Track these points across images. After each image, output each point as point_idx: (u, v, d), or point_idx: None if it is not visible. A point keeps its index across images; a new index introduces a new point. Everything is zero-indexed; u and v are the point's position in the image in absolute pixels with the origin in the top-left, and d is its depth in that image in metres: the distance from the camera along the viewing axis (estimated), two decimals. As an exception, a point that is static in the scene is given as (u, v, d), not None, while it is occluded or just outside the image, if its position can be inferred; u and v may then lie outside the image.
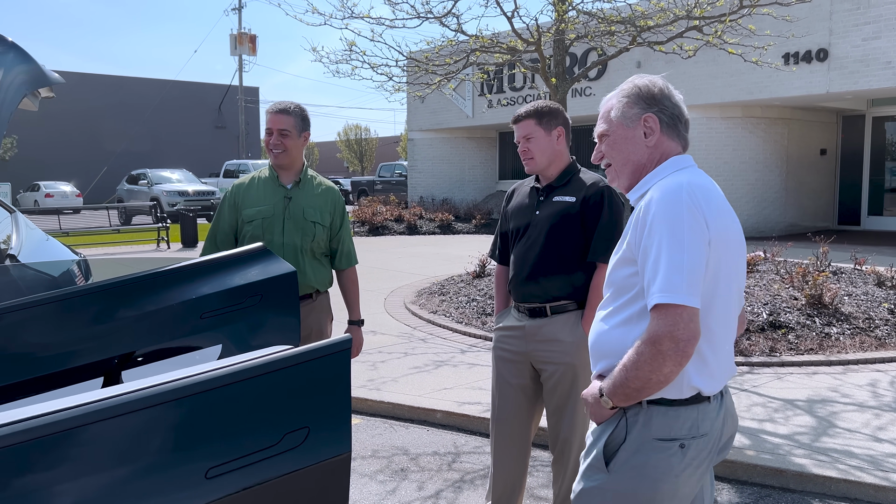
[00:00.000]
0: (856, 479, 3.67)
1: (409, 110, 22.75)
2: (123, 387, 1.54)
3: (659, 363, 1.69)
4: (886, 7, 12.68)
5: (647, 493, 1.80)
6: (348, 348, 1.76)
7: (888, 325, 6.40)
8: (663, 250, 1.71)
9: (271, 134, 3.21)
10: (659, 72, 9.43)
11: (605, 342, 1.89)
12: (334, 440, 1.68)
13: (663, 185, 1.81)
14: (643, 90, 1.93)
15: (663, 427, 1.80)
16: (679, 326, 1.67)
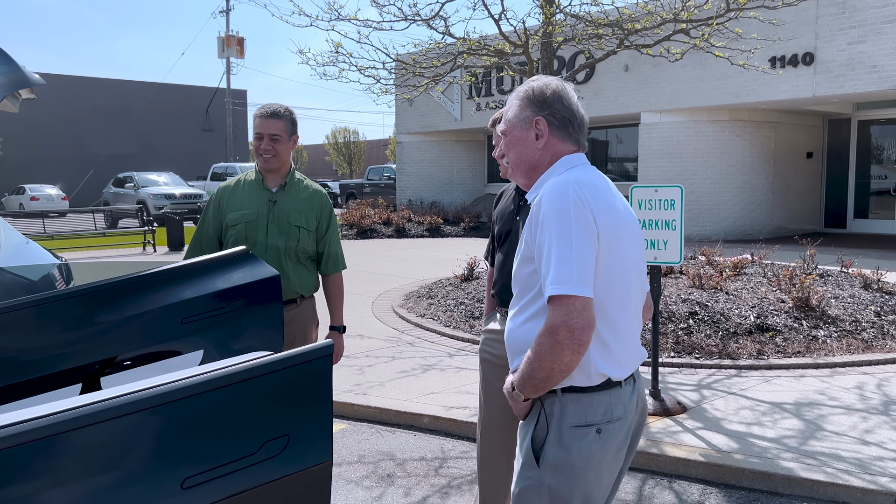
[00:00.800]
0: (844, 482, 3.66)
1: (398, 113, 22.72)
2: (95, 395, 1.49)
3: (558, 352, 1.76)
4: (871, 11, 12.77)
5: (577, 484, 1.85)
6: (330, 354, 1.73)
7: (874, 328, 6.42)
8: (553, 245, 1.79)
9: (261, 139, 3.17)
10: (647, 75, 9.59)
11: (516, 339, 1.95)
12: (315, 448, 1.64)
13: (552, 183, 1.89)
14: (535, 93, 2.00)
15: (578, 414, 1.86)
16: (573, 316, 1.74)
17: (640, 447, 4.17)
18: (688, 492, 3.82)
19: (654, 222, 4.73)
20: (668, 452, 4.09)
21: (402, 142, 23.03)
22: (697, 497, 3.75)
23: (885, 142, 16.78)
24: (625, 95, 16.72)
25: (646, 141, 16.68)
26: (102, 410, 1.42)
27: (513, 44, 7.08)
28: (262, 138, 3.16)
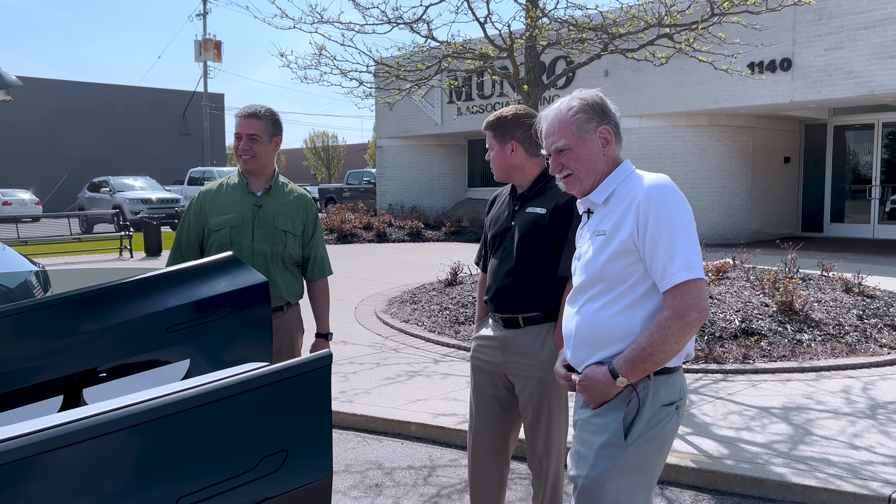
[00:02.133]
0: (836, 487, 3.65)
1: (378, 117, 22.63)
2: (83, 410, 1.41)
3: (685, 333, 1.94)
4: (848, 18, 12.93)
5: (658, 457, 2.04)
6: (328, 364, 1.66)
7: (858, 332, 6.46)
8: (676, 235, 1.96)
9: (240, 139, 3.08)
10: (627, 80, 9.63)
11: (609, 330, 2.06)
12: (314, 463, 1.57)
13: (652, 183, 2.06)
14: (595, 105, 2.14)
15: (666, 393, 2.04)
16: (702, 297, 1.95)
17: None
18: (680, 498, 3.79)
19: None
20: (659, 459, 4.05)
21: (382, 146, 22.94)
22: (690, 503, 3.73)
23: (860, 147, 17.00)
24: (605, 100, 16.77)
25: (626, 146, 16.60)
26: (92, 427, 1.34)
27: (498, 47, 7.05)
28: (240, 138, 3.08)
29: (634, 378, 2.00)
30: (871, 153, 16.46)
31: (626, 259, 2.03)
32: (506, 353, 2.93)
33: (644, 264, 2.01)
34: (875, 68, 12.74)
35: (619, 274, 2.04)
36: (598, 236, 2.10)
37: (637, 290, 2.03)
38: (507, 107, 3.01)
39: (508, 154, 2.91)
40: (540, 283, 2.87)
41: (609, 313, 2.06)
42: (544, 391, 2.89)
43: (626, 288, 2.04)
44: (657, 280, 1.99)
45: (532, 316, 2.88)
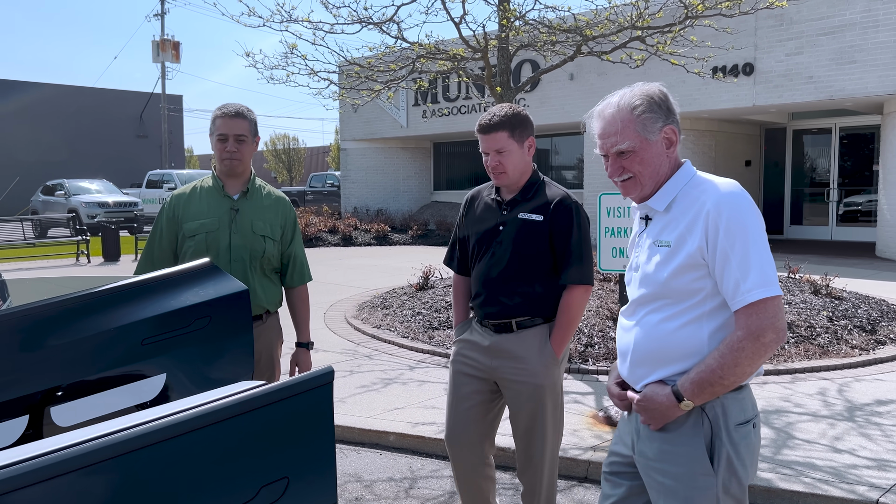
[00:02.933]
0: (823, 492, 3.62)
1: (342, 120, 22.40)
2: (66, 438, 1.27)
3: (760, 356, 1.80)
4: (807, 24, 13.16)
5: (747, 479, 1.89)
6: (330, 382, 1.53)
7: (829, 333, 6.51)
8: (751, 248, 1.81)
9: (226, 140, 2.92)
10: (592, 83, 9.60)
11: (673, 345, 1.90)
12: (318, 490, 1.44)
13: (715, 191, 1.87)
14: (662, 102, 1.94)
15: (738, 412, 1.88)
16: (779, 316, 1.80)
17: (614, 461, 4.06)
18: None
19: (623, 230, 4.66)
20: (645, 466, 3.99)
21: (346, 148, 22.70)
22: (678, 512, 3.66)
23: (818, 150, 17.34)
24: (570, 104, 16.84)
25: (590, 149, 16.75)
26: (76, 457, 1.19)
27: (472, 48, 6.96)
28: (226, 139, 2.91)
29: (701, 402, 1.85)
30: (828, 157, 16.80)
31: (693, 273, 1.86)
32: (497, 358, 2.84)
33: (713, 279, 1.85)
34: (834, 73, 12.98)
35: (686, 289, 1.87)
36: (660, 247, 1.92)
37: (705, 306, 1.87)
38: (498, 106, 2.89)
39: (526, 153, 2.83)
40: (534, 289, 2.81)
41: (672, 326, 1.89)
42: (540, 398, 2.81)
43: (694, 303, 1.87)
44: (728, 297, 1.82)
45: (526, 320, 2.82)
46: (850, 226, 16.33)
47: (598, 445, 4.28)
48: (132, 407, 2.30)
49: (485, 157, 2.83)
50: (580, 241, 2.80)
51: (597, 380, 5.64)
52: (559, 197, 2.83)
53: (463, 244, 3.03)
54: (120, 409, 2.29)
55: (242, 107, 2.96)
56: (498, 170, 2.79)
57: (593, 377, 5.69)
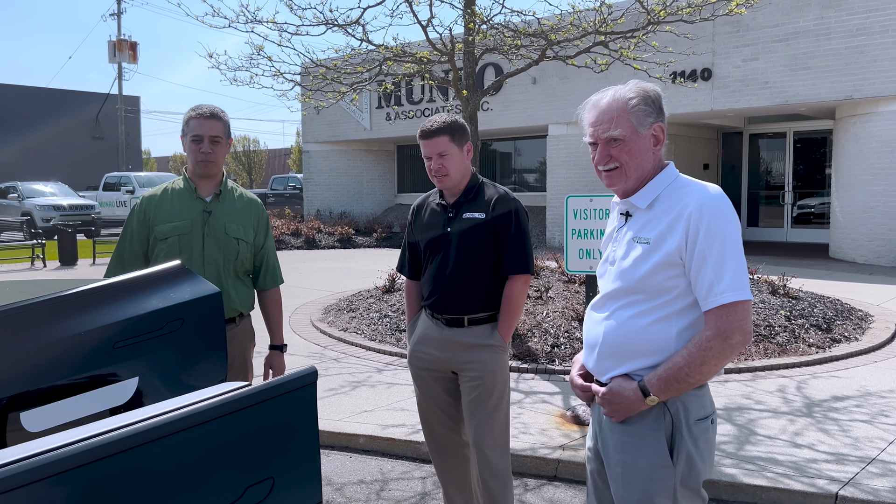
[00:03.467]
0: (785, 486, 3.72)
1: (305, 122, 22.26)
2: (52, 440, 1.25)
3: (727, 356, 1.86)
4: (763, 31, 13.49)
5: (703, 473, 1.95)
6: (314, 382, 1.54)
7: (787, 332, 6.68)
8: (727, 253, 1.86)
9: (201, 141, 2.90)
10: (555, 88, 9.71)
11: (642, 340, 1.95)
12: (303, 490, 1.45)
13: (699, 194, 1.93)
14: (656, 100, 2.00)
15: (698, 408, 1.95)
16: (747, 320, 1.86)
17: (582, 459, 4.12)
18: None
19: (590, 231, 4.73)
20: (613, 464, 4.06)
21: (309, 151, 22.56)
22: (645, 508, 3.72)
23: (773, 154, 17.77)
24: (533, 108, 16.99)
25: (553, 152, 16.99)
26: (60, 460, 1.18)
27: (439, 51, 6.99)
28: (201, 141, 2.89)
29: (666, 397, 1.91)
30: (783, 160, 17.22)
31: (669, 271, 1.91)
32: (450, 349, 3.00)
33: (687, 279, 1.90)
34: (788, 79, 13.32)
35: (660, 286, 1.92)
36: (640, 243, 1.96)
37: (676, 304, 1.92)
38: (438, 115, 3.06)
39: (465, 156, 3.00)
40: (484, 284, 2.97)
41: (643, 322, 1.94)
42: (493, 382, 2.97)
43: (666, 300, 1.92)
44: (701, 298, 1.88)
45: (477, 317, 2.99)
46: (804, 228, 16.76)
47: (566, 444, 4.34)
48: (105, 411, 2.27)
49: (427, 163, 2.96)
50: (519, 234, 2.96)
51: (563, 380, 5.70)
52: (498, 194, 3.00)
53: (413, 250, 3.17)
54: (92, 413, 2.26)
55: (216, 108, 2.95)
56: (441, 172, 2.93)
57: (560, 377, 5.76)
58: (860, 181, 13.02)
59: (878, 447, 4.21)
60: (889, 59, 12.23)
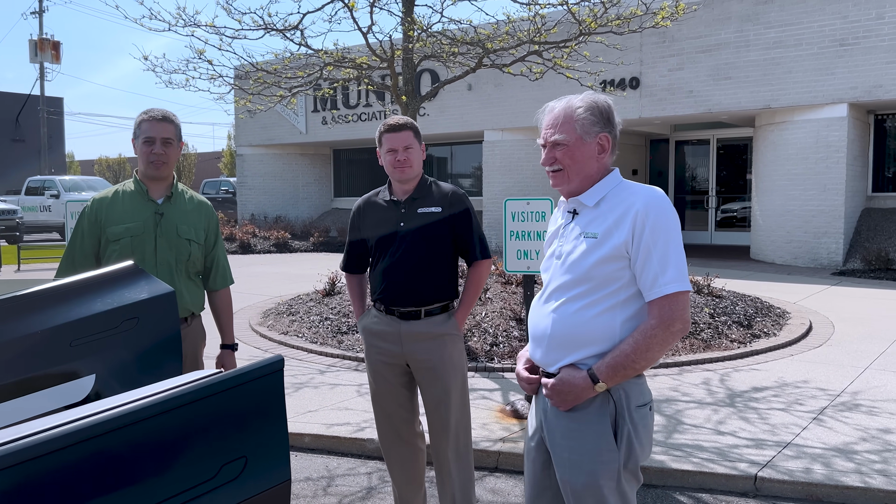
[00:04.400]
0: (709, 470, 3.99)
1: (238, 125, 21.97)
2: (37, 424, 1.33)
3: (668, 343, 2.01)
4: (687, 42, 14.08)
5: (642, 456, 2.10)
6: (281, 369, 1.65)
7: (711, 328, 7.05)
8: (670, 247, 2.02)
9: (153, 143, 2.95)
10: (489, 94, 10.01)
11: (588, 331, 2.08)
12: (273, 468, 1.56)
13: (644, 194, 2.09)
14: (604, 110, 2.14)
15: (638, 395, 2.10)
16: (687, 309, 2.03)
17: (522, 450, 4.30)
18: None
19: (527, 233, 4.93)
20: (551, 454, 4.25)
21: (242, 154, 22.27)
22: (582, 494, 3.93)
23: (698, 161, 18.51)
24: (469, 114, 17.25)
25: (489, 157, 17.29)
26: (52, 440, 1.27)
27: (379, 57, 7.11)
28: (153, 143, 2.95)
29: (613, 384, 2.03)
30: (707, 166, 17.96)
31: (615, 264, 2.04)
32: (407, 343, 3.11)
33: (631, 271, 2.04)
34: (711, 88, 13.94)
35: (606, 277, 2.05)
36: (587, 238, 2.09)
37: (621, 295, 2.06)
38: (399, 115, 3.21)
39: (422, 154, 3.18)
40: (439, 275, 3.12)
41: (590, 314, 2.06)
42: (451, 367, 3.12)
43: (611, 291, 2.06)
44: (645, 289, 2.02)
45: (432, 308, 3.12)
46: (727, 231, 17.51)
47: (507, 437, 4.52)
48: (61, 408, 2.31)
49: (392, 156, 3.09)
50: (478, 225, 3.19)
51: (502, 377, 5.89)
52: (452, 190, 3.19)
53: (358, 248, 3.27)
54: (47, 411, 2.30)
55: (168, 112, 3.01)
56: (405, 164, 3.09)
57: (499, 374, 5.95)
58: (778, 186, 13.72)
59: (793, 433, 4.54)
60: (803, 70, 12.95)
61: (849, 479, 3.83)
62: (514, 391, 5.48)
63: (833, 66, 12.66)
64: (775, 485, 3.86)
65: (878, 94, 12.33)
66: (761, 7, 13.28)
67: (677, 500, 3.83)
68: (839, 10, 12.56)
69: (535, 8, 7.04)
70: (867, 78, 12.40)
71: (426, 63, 12.30)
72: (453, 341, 3.13)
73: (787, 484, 3.84)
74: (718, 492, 3.91)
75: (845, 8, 12.51)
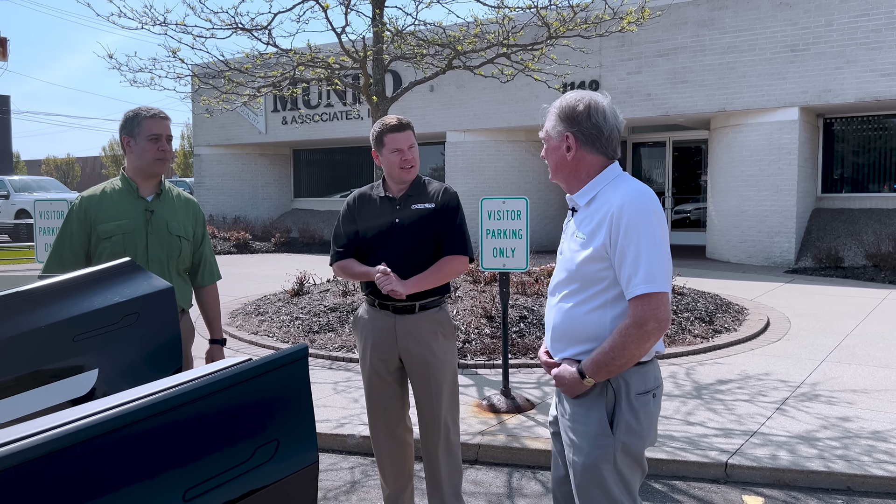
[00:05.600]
0: (682, 458, 4.15)
1: (196, 124, 21.68)
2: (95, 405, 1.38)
3: (644, 341, 2.08)
4: (645, 46, 14.40)
5: (643, 442, 2.20)
6: (306, 356, 1.72)
7: (675, 325, 7.26)
8: (642, 248, 2.08)
9: (158, 140, 2.97)
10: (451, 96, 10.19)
11: (580, 327, 2.21)
12: (302, 451, 1.63)
13: (627, 193, 2.14)
14: (566, 110, 2.23)
15: (640, 383, 2.19)
16: (661, 309, 2.08)
17: (501, 443, 4.41)
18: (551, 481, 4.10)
19: (503, 231, 5.03)
20: (529, 446, 4.37)
21: (200, 154, 21.98)
22: (561, 484, 4.05)
23: (654, 162, 18.91)
24: (431, 115, 17.33)
25: (452, 158, 17.41)
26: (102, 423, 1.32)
27: (352, 58, 7.15)
28: (159, 139, 2.98)
29: (601, 378, 2.14)
30: (663, 168, 18.37)
31: (599, 264, 2.14)
32: (401, 337, 3.18)
33: (615, 271, 2.14)
34: (669, 92, 14.30)
35: (593, 276, 2.16)
36: (577, 238, 2.22)
37: (608, 294, 2.16)
38: (390, 115, 3.29)
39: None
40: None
41: (581, 311, 2.19)
42: (442, 359, 3.20)
43: (599, 290, 2.16)
44: (624, 288, 2.11)
45: (427, 302, 3.19)
46: (683, 231, 17.93)
47: (485, 430, 4.62)
48: (64, 403, 2.33)
49: (398, 155, 3.14)
50: (463, 222, 3.26)
51: (476, 373, 6.00)
52: (444, 186, 3.29)
53: (351, 239, 3.29)
54: (51, 405, 2.32)
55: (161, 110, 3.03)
56: (411, 162, 3.17)
57: (472, 371, 6.05)
58: (733, 187, 14.13)
59: (758, 422, 4.74)
60: (756, 75, 13.37)
61: (813, 464, 4.02)
62: (488, 387, 5.58)
63: (785, 70, 13.10)
64: (744, 471, 4.03)
65: (828, 98, 12.80)
66: (717, 13, 13.67)
67: (653, 488, 3.98)
68: (790, 17, 13.01)
69: (504, 11, 7.16)
70: (817, 83, 12.87)
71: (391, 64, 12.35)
72: (446, 335, 3.22)
73: (756, 470, 4.02)
74: (691, 479, 4.07)
75: (796, 15, 12.96)
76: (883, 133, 14.10)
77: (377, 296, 3.19)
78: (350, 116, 18.70)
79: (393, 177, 3.19)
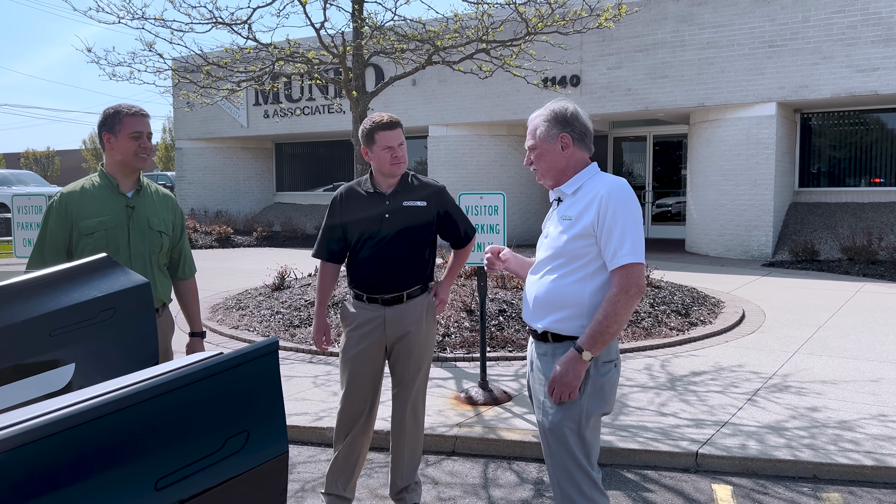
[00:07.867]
0: (654, 448, 4.24)
1: (177, 118, 21.56)
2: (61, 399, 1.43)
3: (630, 305, 2.41)
4: (626, 41, 14.50)
5: (604, 405, 2.51)
6: (276, 351, 1.77)
7: (651, 317, 7.37)
8: (628, 227, 2.43)
9: (140, 137, 3.00)
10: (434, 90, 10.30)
11: (563, 295, 2.51)
12: (272, 442, 1.68)
13: (611, 183, 2.50)
14: (560, 116, 2.57)
15: (604, 353, 2.49)
16: (641, 277, 2.43)
17: (477, 435, 4.49)
18: (526, 471, 4.19)
19: (481, 226, 5.09)
20: (505, 437, 4.44)
21: (181, 148, 21.86)
22: (536, 475, 4.13)
23: (635, 157, 19.06)
24: (413, 109, 17.35)
25: (434, 153, 17.44)
26: (76, 414, 1.37)
27: (332, 53, 7.17)
28: (140, 137, 3.01)
29: (597, 351, 2.42)
30: (644, 162, 18.52)
31: (584, 241, 2.48)
32: (391, 326, 3.32)
33: (598, 247, 2.47)
34: (649, 87, 14.41)
35: (577, 252, 2.49)
36: (564, 220, 2.55)
37: (589, 268, 2.49)
38: (377, 113, 3.32)
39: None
40: (421, 262, 3.34)
41: (565, 282, 2.51)
42: (425, 344, 3.40)
43: (582, 264, 2.49)
44: (608, 260, 2.44)
45: (414, 290, 3.35)
46: (663, 224, 18.10)
47: (462, 422, 4.69)
48: (41, 397, 2.37)
49: (388, 152, 3.24)
50: (460, 212, 3.49)
51: (455, 366, 6.06)
52: (437, 185, 3.42)
53: (336, 232, 3.37)
54: (27, 399, 2.36)
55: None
56: (401, 159, 3.29)
57: (452, 364, 6.12)
58: (712, 182, 14.29)
59: (729, 413, 4.84)
60: (735, 70, 13.51)
61: (780, 453, 4.13)
62: (467, 379, 5.65)
63: (763, 66, 13.25)
64: (714, 460, 4.13)
65: (804, 93, 12.97)
66: (696, 8, 13.79)
67: (625, 477, 4.07)
68: (768, 13, 13.15)
69: (483, 7, 7.21)
70: (794, 78, 13.03)
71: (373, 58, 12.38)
72: (429, 322, 3.40)
73: (726, 459, 4.12)
74: (663, 468, 4.16)
75: (774, 11, 13.10)
76: (859, 128, 14.31)
77: (366, 289, 3.33)
78: (332, 110, 18.68)
79: (383, 172, 3.28)
